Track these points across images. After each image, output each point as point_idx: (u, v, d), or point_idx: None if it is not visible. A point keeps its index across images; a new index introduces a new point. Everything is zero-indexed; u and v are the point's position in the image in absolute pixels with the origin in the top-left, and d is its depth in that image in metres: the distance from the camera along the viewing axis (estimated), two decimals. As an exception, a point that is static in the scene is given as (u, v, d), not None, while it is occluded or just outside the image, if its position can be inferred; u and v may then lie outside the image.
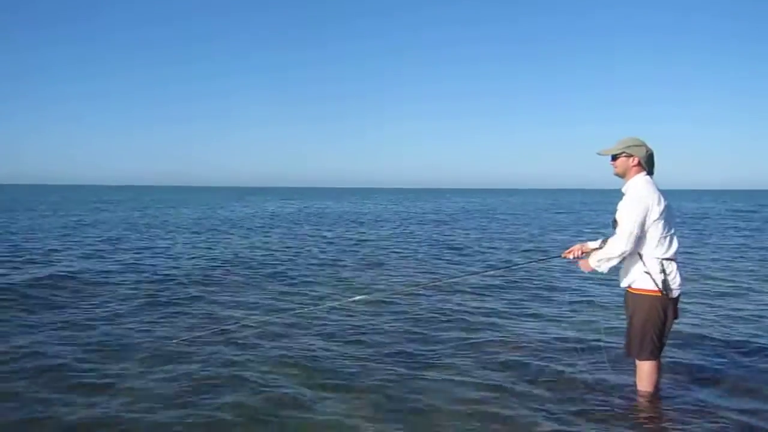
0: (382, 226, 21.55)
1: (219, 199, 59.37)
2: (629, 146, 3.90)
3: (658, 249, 3.78)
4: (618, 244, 3.80)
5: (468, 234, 18.25)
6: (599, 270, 3.95)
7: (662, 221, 3.77)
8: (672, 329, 3.99)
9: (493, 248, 14.19)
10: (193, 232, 18.21)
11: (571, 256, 4.28)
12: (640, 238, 3.77)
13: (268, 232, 18.73)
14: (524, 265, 9.74)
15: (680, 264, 3.92)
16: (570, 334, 5.85)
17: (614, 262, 3.88)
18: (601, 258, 3.91)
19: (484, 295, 7.94)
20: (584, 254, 4.19)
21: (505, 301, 7.54)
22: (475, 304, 7.39)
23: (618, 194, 4.03)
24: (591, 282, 8.50)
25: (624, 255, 3.83)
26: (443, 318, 6.61)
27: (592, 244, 4.21)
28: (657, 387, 4.04)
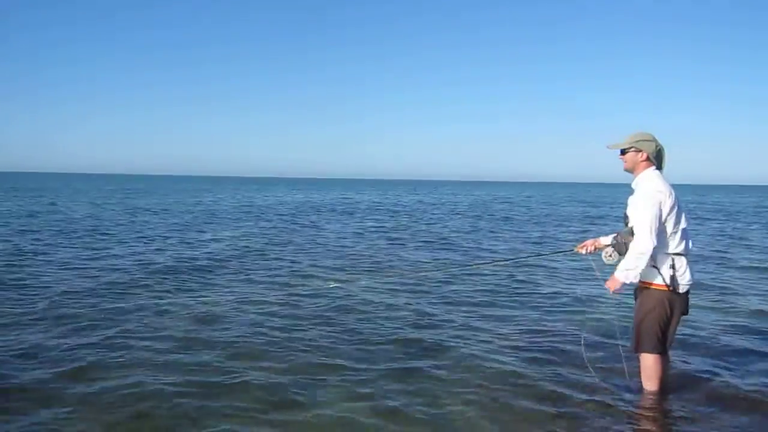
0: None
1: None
2: (638, 141, 3.84)
3: (668, 244, 3.72)
4: (641, 244, 3.64)
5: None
6: (629, 281, 3.76)
7: (673, 216, 3.71)
8: (680, 326, 3.93)
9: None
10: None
11: (583, 251, 4.24)
12: (659, 233, 3.66)
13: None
14: (534, 257, 9.69)
15: (693, 260, 3.85)
16: (571, 329, 5.75)
17: (642, 265, 3.68)
18: (627, 268, 3.71)
19: (489, 283, 8.07)
20: (597, 250, 4.14)
21: (509, 293, 7.60)
22: (480, 292, 7.55)
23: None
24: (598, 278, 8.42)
25: (650, 253, 3.64)
26: (447, 305, 6.80)
27: (604, 240, 4.16)
28: (662, 385, 3.96)
